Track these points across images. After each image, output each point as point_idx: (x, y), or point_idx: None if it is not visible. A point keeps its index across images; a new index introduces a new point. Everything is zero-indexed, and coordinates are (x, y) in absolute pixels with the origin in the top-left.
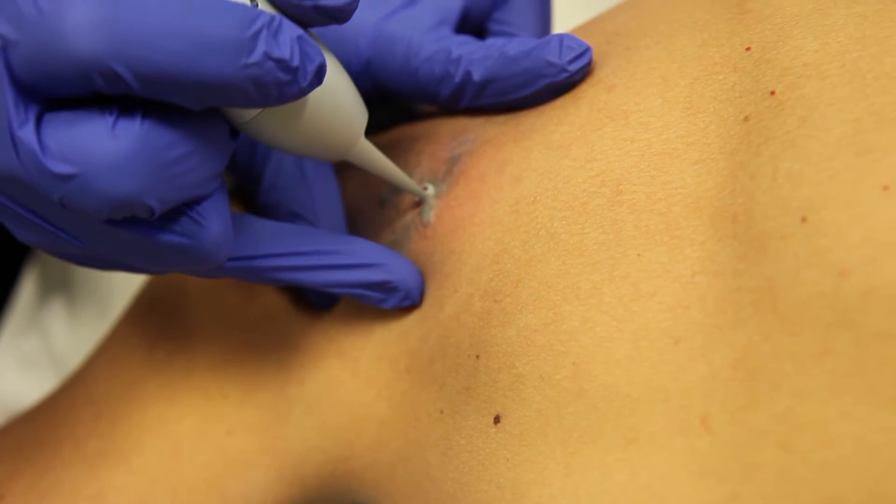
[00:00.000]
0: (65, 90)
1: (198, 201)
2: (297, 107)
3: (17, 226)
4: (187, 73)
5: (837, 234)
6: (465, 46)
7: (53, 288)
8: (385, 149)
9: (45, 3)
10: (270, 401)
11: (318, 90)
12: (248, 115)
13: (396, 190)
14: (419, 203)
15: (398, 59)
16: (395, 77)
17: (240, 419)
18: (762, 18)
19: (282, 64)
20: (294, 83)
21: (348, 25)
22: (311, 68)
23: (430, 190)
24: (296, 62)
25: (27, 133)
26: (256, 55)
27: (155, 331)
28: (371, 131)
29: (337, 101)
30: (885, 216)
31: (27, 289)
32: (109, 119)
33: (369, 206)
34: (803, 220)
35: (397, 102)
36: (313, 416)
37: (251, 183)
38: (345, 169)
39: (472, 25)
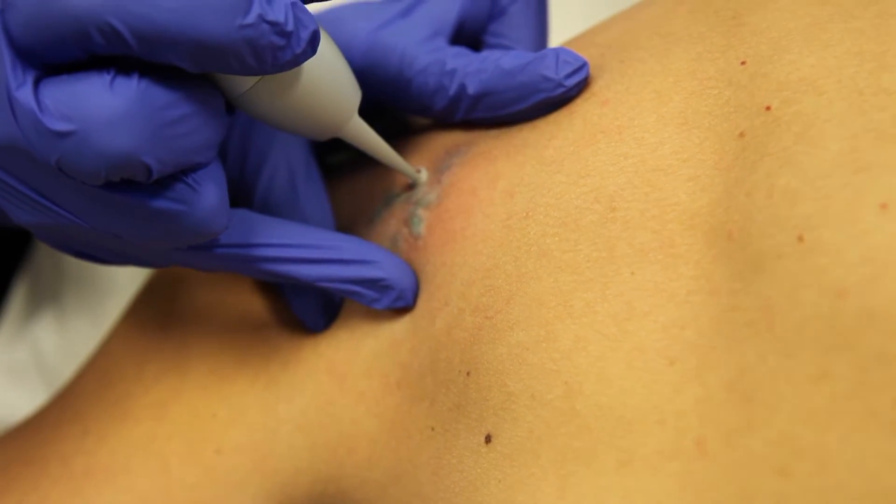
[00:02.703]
0: (63, 52)
1: (194, 169)
2: (291, 79)
3: (15, 205)
4: (183, 30)
5: (835, 253)
6: (460, 59)
7: (44, 300)
8: (377, 162)
9: None
10: (260, 420)
11: (312, 63)
12: (243, 87)
13: (388, 205)
14: (413, 186)
15: (391, 70)
16: (388, 88)
17: (229, 438)
18: (758, 32)
19: (276, 27)
20: (288, 48)
21: (341, 36)
22: (306, 35)
23: (423, 174)
24: (290, 27)
25: (25, 93)
26: (251, 16)
27: (146, 347)
28: None
29: (331, 76)
30: (884, 235)
31: (17, 300)
32: (107, 77)
33: (361, 224)
34: (800, 238)
35: (391, 115)
36: (303, 435)
37: (241, 200)
38: (335, 187)
39: (468, 37)
